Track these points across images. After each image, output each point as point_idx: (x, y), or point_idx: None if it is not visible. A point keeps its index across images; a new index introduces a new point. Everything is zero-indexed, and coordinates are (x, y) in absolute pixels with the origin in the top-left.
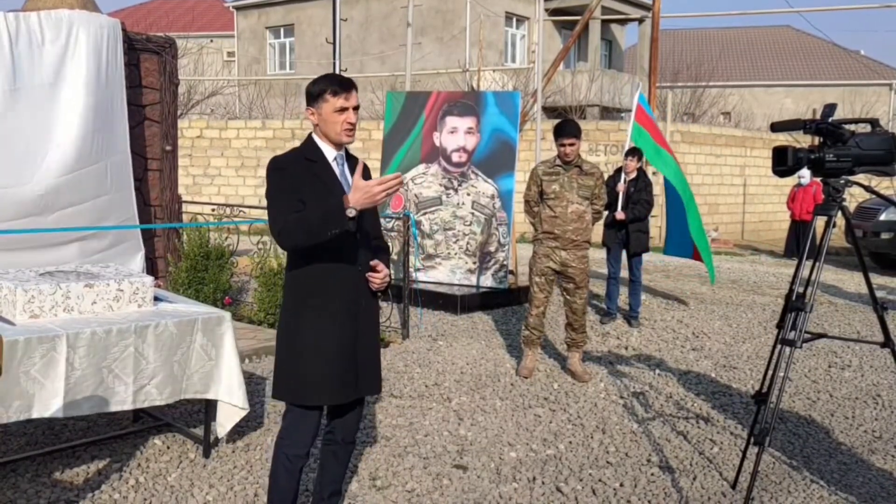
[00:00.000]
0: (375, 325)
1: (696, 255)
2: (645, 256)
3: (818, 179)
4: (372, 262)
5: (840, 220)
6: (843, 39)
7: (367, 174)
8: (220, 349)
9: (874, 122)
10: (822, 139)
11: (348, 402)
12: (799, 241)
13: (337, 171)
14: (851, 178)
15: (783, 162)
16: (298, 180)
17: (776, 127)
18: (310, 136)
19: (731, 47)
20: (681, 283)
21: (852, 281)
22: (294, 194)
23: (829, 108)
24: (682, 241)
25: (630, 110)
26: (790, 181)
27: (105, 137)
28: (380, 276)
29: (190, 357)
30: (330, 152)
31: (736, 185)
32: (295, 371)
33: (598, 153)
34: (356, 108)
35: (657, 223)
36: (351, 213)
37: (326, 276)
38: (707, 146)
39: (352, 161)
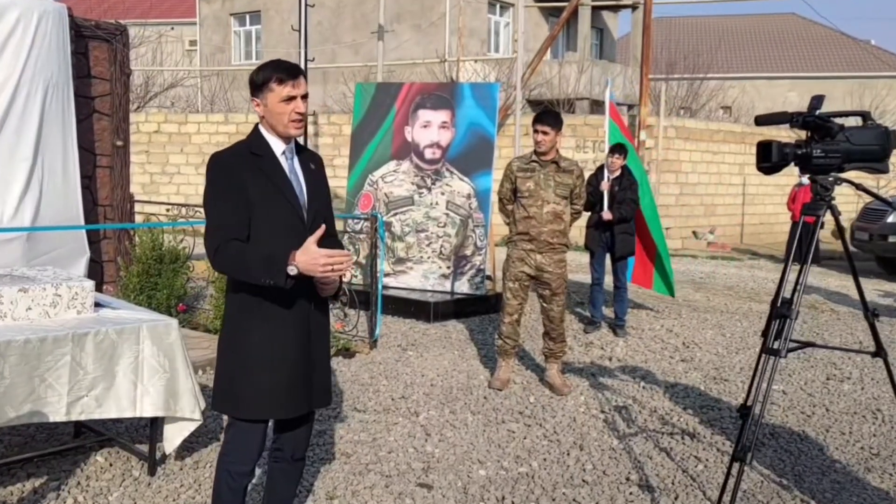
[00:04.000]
0: (326, 332)
1: (635, 278)
2: (632, 261)
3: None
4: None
5: (839, 222)
6: (851, 28)
7: (321, 168)
8: (172, 360)
9: (865, 115)
10: (809, 133)
11: (298, 416)
12: (810, 246)
13: (286, 165)
14: (841, 175)
15: (768, 158)
16: (243, 178)
17: (760, 120)
18: (255, 127)
19: (730, 36)
20: None
21: (854, 287)
22: (238, 194)
23: (817, 100)
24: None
25: (624, 104)
26: (792, 179)
27: (48, 131)
28: (330, 280)
29: (141, 370)
30: (278, 145)
31: (735, 185)
32: (240, 381)
33: (585, 150)
34: (305, 97)
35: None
36: (292, 271)
37: None
38: (704, 142)
39: (304, 154)
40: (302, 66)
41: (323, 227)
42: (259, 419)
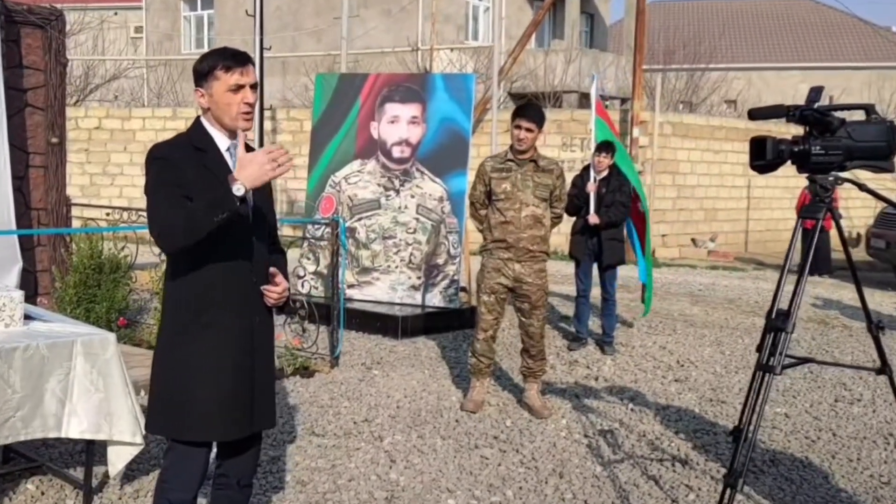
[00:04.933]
0: (270, 348)
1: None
2: (621, 270)
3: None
4: (271, 271)
5: (840, 227)
6: (870, 13)
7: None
8: (108, 378)
9: (869, 109)
10: (807, 128)
11: (243, 438)
12: (808, 253)
13: (231, 163)
14: (842, 174)
15: (762, 155)
16: (184, 172)
17: (754, 114)
18: (197, 120)
19: (735, 22)
20: (667, 302)
21: (872, 300)
22: (178, 188)
23: (815, 92)
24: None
25: (616, 98)
26: (802, 181)
27: None
28: (277, 289)
29: (70, 388)
30: (222, 141)
31: (738, 187)
32: (178, 401)
33: (573, 148)
34: (255, 87)
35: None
36: (239, 190)
37: (215, 288)
38: (704, 140)
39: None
40: (258, 56)
41: (243, 136)
42: (199, 442)
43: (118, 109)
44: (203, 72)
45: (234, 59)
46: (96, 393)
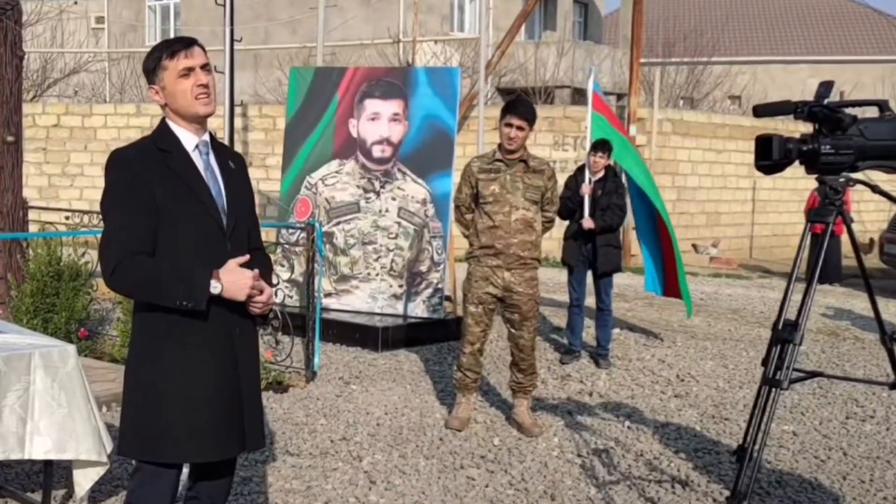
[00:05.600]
0: (255, 361)
1: (669, 290)
2: (618, 278)
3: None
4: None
5: (852, 232)
6: (883, 3)
7: (242, 168)
8: (70, 393)
9: (883, 105)
10: (816, 126)
11: (220, 460)
12: (818, 260)
13: (200, 163)
14: (854, 175)
15: (767, 154)
16: (150, 178)
17: (760, 110)
18: (162, 121)
19: (740, 12)
20: (666, 313)
21: (886, 311)
22: (144, 198)
23: (825, 87)
24: (653, 270)
25: (611, 94)
26: (811, 183)
27: None
28: (262, 297)
29: (31, 404)
30: (189, 139)
31: (743, 189)
32: (152, 421)
33: (565, 147)
34: (205, 67)
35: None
36: (215, 288)
37: None
38: (706, 139)
39: (222, 151)
40: (228, 48)
41: (247, 256)
42: (175, 463)
43: (78, 105)
44: (150, 67)
45: (176, 43)
46: (59, 409)
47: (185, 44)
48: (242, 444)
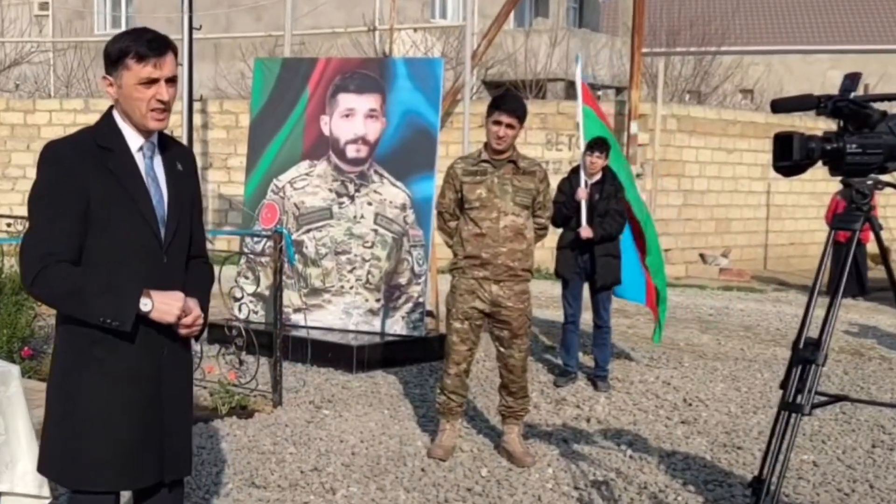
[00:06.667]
0: (185, 384)
1: (650, 301)
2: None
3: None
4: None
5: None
6: None
7: (191, 168)
8: (10, 418)
9: None
10: (841, 123)
11: (155, 487)
12: (842, 270)
13: (142, 165)
14: (883, 176)
15: (787, 154)
16: (84, 177)
17: (779, 106)
18: (108, 112)
19: None
20: (670, 331)
21: None
22: (75, 199)
23: (851, 80)
24: (634, 278)
25: (610, 87)
26: (832, 186)
27: None
28: (187, 320)
29: None
30: (134, 139)
31: (756, 193)
32: (69, 443)
33: (559, 146)
34: (171, 80)
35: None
36: (146, 306)
37: None
38: (715, 137)
39: (169, 150)
40: (186, 37)
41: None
42: (96, 491)
43: (20, 101)
44: (113, 57)
45: (148, 46)
46: None
47: (158, 51)
48: (162, 472)
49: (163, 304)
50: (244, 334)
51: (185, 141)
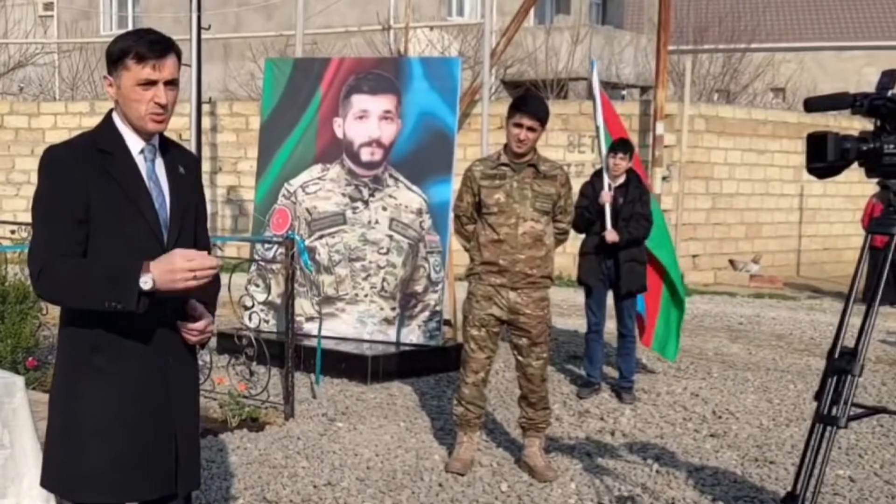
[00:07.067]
0: (192, 394)
1: (650, 309)
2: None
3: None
4: (189, 304)
5: None
6: None
7: (194, 172)
8: (15, 431)
9: None
10: (878, 122)
11: (161, 501)
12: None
13: (143, 168)
14: None
15: (822, 155)
16: (84, 183)
17: (812, 104)
18: (108, 115)
19: None
20: (699, 339)
21: None
22: (75, 205)
23: (888, 77)
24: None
25: (635, 86)
26: (868, 188)
27: None
28: (198, 326)
29: None
30: (135, 142)
31: (788, 196)
32: (69, 455)
33: (582, 148)
34: (171, 84)
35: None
36: (146, 283)
37: (114, 322)
38: (745, 138)
39: (171, 153)
40: (195, 37)
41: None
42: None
43: (24, 104)
44: (114, 56)
45: (150, 47)
46: (1, 451)
47: (159, 53)
48: (170, 485)
49: (165, 275)
50: (255, 344)
51: (193, 144)
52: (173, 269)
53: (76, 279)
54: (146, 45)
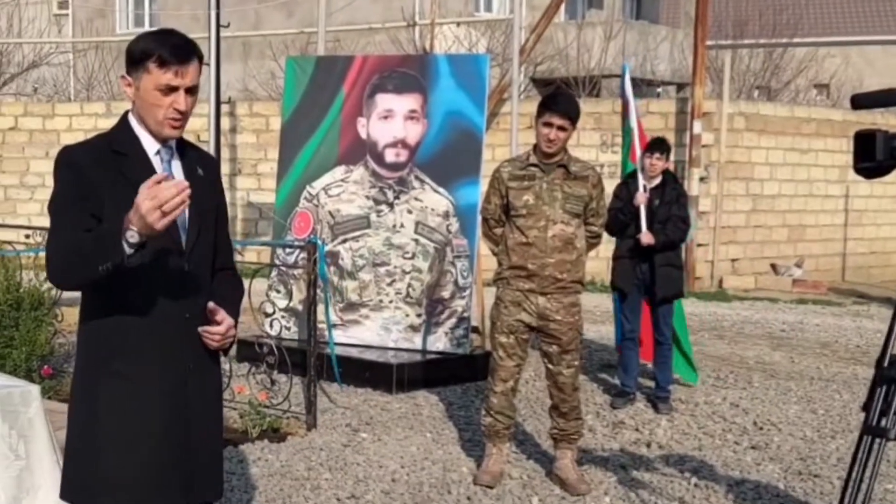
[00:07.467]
0: (214, 401)
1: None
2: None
3: None
4: (209, 307)
5: None
6: None
7: (213, 174)
8: (31, 442)
9: None
10: None
11: None
12: None
13: (160, 169)
14: None
15: (870, 155)
16: (98, 185)
17: (860, 101)
18: (124, 116)
19: None
20: (739, 347)
21: None
22: (90, 209)
23: None
24: None
25: (671, 83)
26: None
27: None
28: (220, 329)
29: None
30: (150, 143)
31: (833, 197)
32: (88, 464)
33: (615, 148)
34: (192, 90)
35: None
36: (133, 237)
37: (131, 327)
38: (787, 136)
39: (189, 155)
40: (213, 35)
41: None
42: None
43: (39, 105)
44: (135, 57)
45: (173, 52)
46: (16, 461)
47: (182, 58)
48: (189, 494)
49: (139, 221)
50: (276, 352)
51: (212, 145)
52: (140, 213)
53: (74, 251)
54: (170, 49)
